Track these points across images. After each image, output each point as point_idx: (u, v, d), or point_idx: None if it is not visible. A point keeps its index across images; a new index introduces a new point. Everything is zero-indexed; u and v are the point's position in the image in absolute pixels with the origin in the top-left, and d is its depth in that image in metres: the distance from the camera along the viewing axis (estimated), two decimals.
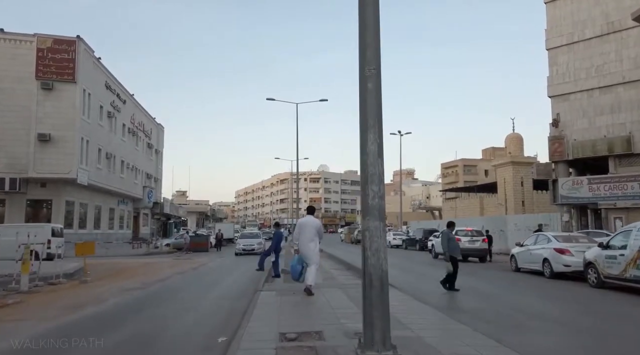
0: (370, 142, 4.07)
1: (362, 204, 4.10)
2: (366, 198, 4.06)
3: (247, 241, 27.14)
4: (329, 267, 16.82)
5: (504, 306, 8.52)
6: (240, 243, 27.09)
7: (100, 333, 5.92)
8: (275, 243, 13.56)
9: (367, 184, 4.06)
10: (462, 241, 20.47)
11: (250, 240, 27.26)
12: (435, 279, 11.45)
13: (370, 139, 4.07)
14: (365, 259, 4.06)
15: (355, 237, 44.68)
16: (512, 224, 25.78)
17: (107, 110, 33.87)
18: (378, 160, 4.07)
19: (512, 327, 6.60)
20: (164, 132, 52.88)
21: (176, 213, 59.69)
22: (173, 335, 6.08)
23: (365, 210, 4.07)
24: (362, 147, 4.12)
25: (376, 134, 4.08)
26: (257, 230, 41.90)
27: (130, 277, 13.40)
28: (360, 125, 4.16)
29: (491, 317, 7.36)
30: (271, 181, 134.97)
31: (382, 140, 4.13)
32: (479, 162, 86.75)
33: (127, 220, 41.83)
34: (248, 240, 27.43)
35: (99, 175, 32.30)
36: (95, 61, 31.32)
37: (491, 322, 6.77)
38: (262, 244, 25.57)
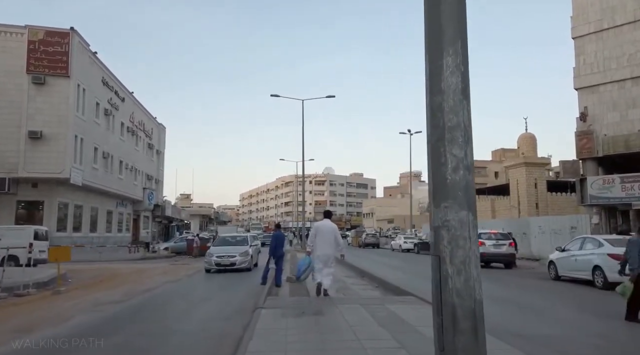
0: (447, 71, 2.29)
1: (433, 180, 2.33)
2: (441, 170, 2.27)
3: (225, 251, 16.67)
4: (341, 274, 15.05)
5: (580, 332, 6.63)
6: (213, 253, 16.46)
7: None
8: (274, 247, 11.77)
9: (442, 145, 2.28)
10: (485, 245, 18.75)
11: (228, 249, 16.83)
12: (502, 300, 9.32)
13: (447, 66, 2.29)
14: (443, 280, 2.26)
15: (364, 241, 42.89)
16: (535, 226, 23.88)
17: (104, 107, 32.30)
18: (463, 103, 2.31)
19: None
20: (165, 133, 51.33)
21: (178, 216, 58.09)
22: None
23: (440, 191, 2.28)
24: (432, 81, 2.34)
25: (458, 56, 2.31)
26: (244, 234, 25.48)
27: (114, 286, 11.68)
28: (426, 46, 2.39)
29: None
30: (276, 184, 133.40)
31: (467, 69, 2.36)
32: (488, 164, 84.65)
33: (126, 223, 40.20)
34: (226, 249, 16.95)
35: (95, 176, 30.69)
36: (91, 55, 29.77)
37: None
38: (250, 256, 16.72)
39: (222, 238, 20.14)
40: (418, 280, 13.10)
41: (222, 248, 17.13)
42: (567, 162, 23.05)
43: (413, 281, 12.65)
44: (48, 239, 18.04)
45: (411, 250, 33.75)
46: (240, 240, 18.76)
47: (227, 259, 16.02)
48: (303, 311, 6.90)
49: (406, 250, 34.35)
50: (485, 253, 18.72)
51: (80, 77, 27.74)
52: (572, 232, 23.08)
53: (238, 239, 19.23)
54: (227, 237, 20.23)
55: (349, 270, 16.18)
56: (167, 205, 51.31)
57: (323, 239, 8.46)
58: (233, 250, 16.67)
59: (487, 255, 18.81)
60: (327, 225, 8.70)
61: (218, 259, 16.01)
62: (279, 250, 11.81)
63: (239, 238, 19.49)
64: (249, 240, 18.56)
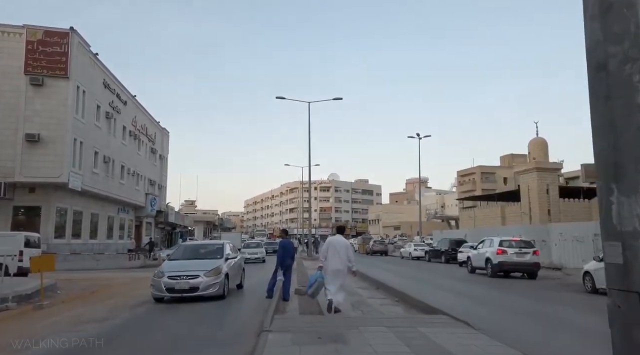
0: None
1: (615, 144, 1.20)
2: None
3: (183, 268, 10.92)
4: (354, 285, 13.85)
5: None
6: (164, 271, 10.72)
7: None
8: (281, 256, 10.56)
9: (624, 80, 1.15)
10: (508, 253, 17.53)
11: (189, 266, 11.01)
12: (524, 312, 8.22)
13: None
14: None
15: (371, 248, 41.59)
16: (556, 233, 22.60)
17: (105, 110, 31.40)
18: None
19: None
20: (169, 137, 50.44)
21: (182, 222, 57.03)
22: None
23: None
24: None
25: None
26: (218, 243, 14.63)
27: (102, 299, 10.55)
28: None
29: None
30: (280, 190, 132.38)
31: None
32: (497, 170, 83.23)
33: (128, 230, 39.17)
34: (187, 264, 11.15)
35: (95, 181, 29.72)
36: (92, 57, 28.91)
37: None
38: (222, 276, 10.83)
39: (184, 247, 13.48)
40: (441, 293, 11.90)
41: (179, 264, 11.09)
42: (589, 165, 21.76)
43: (436, 294, 11.47)
44: (40, 246, 17.01)
45: (422, 258, 32.52)
46: (210, 250, 12.34)
47: (184, 281, 10.29)
48: (319, 337, 5.74)
49: (416, 258, 33.13)
50: (507, 262, 17.58)
51: (80, 79, 26.85)
52: (595, 240, 21.80)
53: (206, 247, 12.91)
54: (192, 245, 14.38)
55: (361, 280, 14.97)
56: (170, 211, 50.29)
57: (335, 254, 8.45)
58: (195, 267, 10.72)
59: (509, 264, 17.65)
60: (339, 240, 8.79)
61: (170, 280, 10.31)
62: (286, 260, 10.60)
63: (208, 247, 13.01)
64: (224, 251, 11.97)
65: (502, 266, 17.60)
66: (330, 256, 8.47)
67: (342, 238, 8.97)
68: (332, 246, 8.57)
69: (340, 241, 8.77)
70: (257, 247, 30.68)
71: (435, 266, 25.56)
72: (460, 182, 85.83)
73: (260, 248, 30.46)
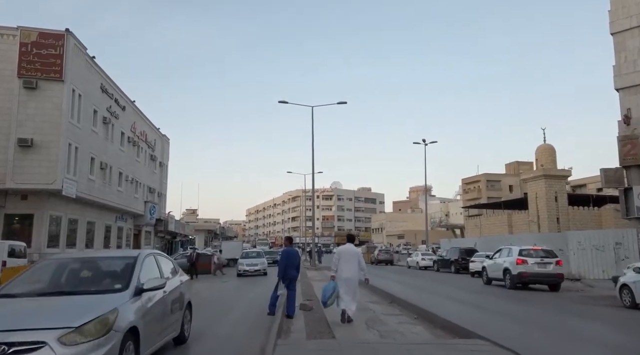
0: None
1: None
2: None
3: (13, 317, 4.40)
4: (364, 298, 12.73)
5: None
6: None
7: None
8: (284, 267, 9.17)
9: None
10: (528, 263, 16.38)
11: (27, 313, 4.53)
12: (567, 333, 7.06)
13: None
14: None
15: (376, 257, 40.30)
16: (574, 242, 21.41)
17: (103, 115, 30.44)
18: None
19: None
20: (169, 144, 49.50)
21: (182, 231, 55.91)
22: None
23: None
24: None
25: None
26: (127, 255, 6.82)
27: None
28: None
29: None
30: (282, 198, 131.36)
31: None
32: (502, 177, 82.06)
33: (126, 239, 38.05)
34: (27, 308, 4.77)
35: (91, 188, 28.68)
36: (89, 60, 28.02)
37: None
38: (116, 338, 4.35)
39: (52, 266, 10.77)
40: (462, 308, 10.73)
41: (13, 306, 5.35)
42: (609, 170, 20.70)
43: (456, 309, 10.32)
44: (26, 256, 15.92)
45: (429, 268, 31.31)
46: (103, 274, 8.10)
47: None
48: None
49: (424, 267, 31.92)
50: (527, 273, 16.33)
51: (75, 82, 25.94)
52: (617, 249, 20.65)
53: (101, 268, 7.98)
54: (71, 261, 11.37)
55: (372, 293, 13.84)
56: (171, 219, 49.16)
57: (346, 263, 8.48)
58: (46, 315, 4.56)
59: (530, 275, 16.36)
60: (350, 249, 8.75)
61: None
62: (290, 271, 9.24)
63: (104, 266, 7.58)
64: (134, 275, 8.17)
65: (522, 277, 16.41)
66: (341, 265, 8.51)
67: (352, 247, 8.96)
68: (343, 255, 8.59)
69: (351, 250, 8.77)
70: (258, 257, 26.25)
71: (446, 277, 24.36)
72: (465, 190, 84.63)
73: (261, 258, 26.11)
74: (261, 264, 25.21)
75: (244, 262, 25.01)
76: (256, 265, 24.83)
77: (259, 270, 24.60)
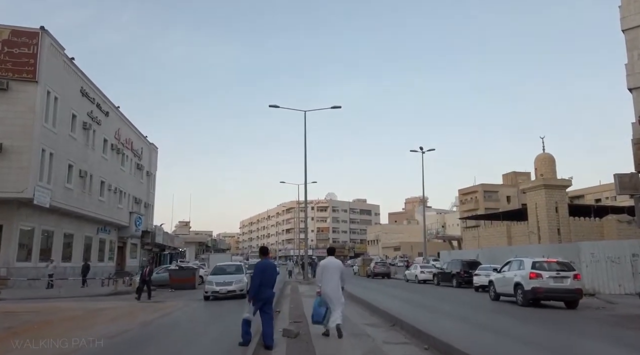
0: None
1: None
2: None
3: None
4: (358, 318, 11.03)
5: None
6: None
7: None
8: (257, 285, 7.37)
9: None
10: (543, 277, 14.72)
11: None
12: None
13: None
14: None
15: (372, 270, 38.40)
16: (587, 253, 19.80)
17: (83, 120, 28.77)
18: None
19: None
20: (157, 153, 47.76)
21: (171, 243, 53.84)
22: None
23: None
24: None
25: None
26: None
27: (16, 347, 7.59)
28: None
29: None
30: (277, 210, 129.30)
31: None
32: (500, 188, 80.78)
33: (109, 252, 36.10)
34: None
35: (68, 197, 26.88)
36: (67, 61, 26.42)
37: None
38: None
39: None
40: (484, 335, 9.00)
41: None
42: (624, 175, 19.18)
43: (473, 335, 8.63)
44: None
45: (429, 281, 29.52)
46: None
47: None
48: None
49: (423, 281, 30.11)
50: (542, 288, 14.63)
51: (51, 84, 24.31)
52: (634, 261, 19.07)
53: None
54: None
55: (371, 313, 12.12)
56: (158, 231, 47.16)
57: (330, 276, 8.49)
58: None
59: (545, 291, 14.65)
60: (333, 262, 8.76)
61: None
62: (264, 290, 7.41)
63: None
64: None
65: (536, 293, 14.73)
66: (325, 279, 8.48)
67: (334, 259, 8.92)
68: (326, 269, 8.57)
69: (334, 263, 8.75)
70: (235, 273, 18.76)
71: (448, 291, 22.64)
72: (462, 201, 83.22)
73: (238, 274, 18.59)
74: (238, 282, 17.70)
75: (213, 280, 17.64)
76: (229, 284, 17.37)
77: (234, 291, 17.19)
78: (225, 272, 18.74)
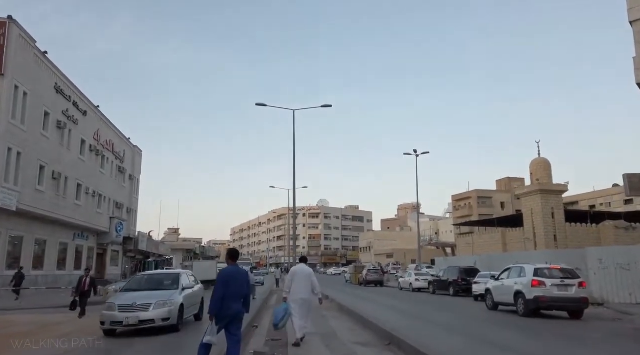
0: None
1: None
2: None
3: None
4: (348, 334, 9.49)
5: None
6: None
7: None
8: (220, 296, 5.73)
9: None
10: (546, 286, 13.49)
11: None
12: None
13: None
14: None
15: (365, 278, 36.80)
16: (594, 260, 18.43)
17: (57, 119, 27.04)
18: None
19: None
20: (141, 156, 45.93)
21: (156, 250, 51.83)
22: None
23: None
24: None
25: None
26: None
27: None
28: None
29: None
30: (268, 217, 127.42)
31: None
32: (494, 194, 79.76)
33: (87, 258, 34.15)
34: None
35: (39, 200, 25.08)
36: (39, 54, 24.75)
37: None
38: None
39: None
40: (489, 351, 7.48)
41: None
42: (634, 175, 17.85)
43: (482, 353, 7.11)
44: None
45: (424, 290, 28.02)
46: None
47: None
48: None
49: (418, 289, 28.61)
50: (546, 297, 13.46)
51: (20, 78, 22.64)
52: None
53: None
54: None
55: (363, 327, 10.54)
56: (142, 237, 45.22)
57: (299, 283, 8.53)
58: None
59: (549, 300, 13.48)
60: (303, 269, 8.80)
61: None
62: (232, 305, 5.77)
63: None
64: None
65: (539, 302, 13.53)
66: (294, 286, 8.51)
67: (305, 267, 8.93)
68: (296, 276, 8.58)
69: (304, 270, 8.75)
70: (165, 288, 11.15)
71: (446, 301, 21.13)
72: (456, 207, 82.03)
73: (170, 290, 10.99)
74: (162, 304, 10.24)
75: (116, 302, 10.26)
76: (144, 309, 10.04)
77: (152, 322, 9.98)
78: (145, 287, 11.04)
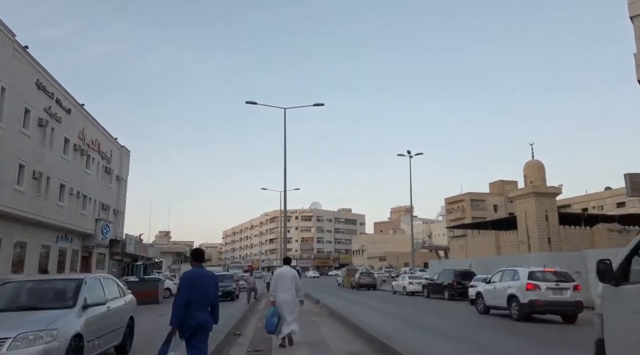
0: None
1: None
2: None
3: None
4: (339, 343, 8.80)
5: None
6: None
7: None
8: (183, 304, 4.93)
9: None
10: (540, 289, 13.12)
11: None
12: None
13: None
14: None
15: (357, 281, 36.06)
16: (594, 262, 17.77)
17: (38, 116, 25.98)
18: None
19: None
20: (129, 157, 44.80)
21: (144, 253, 50.67)
22: None
23: None
24: None
25: None
26: None
27: None
28: None
29: None
30: (260, 220, 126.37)
31: None
32: (487, 197, 79.46)
33: (71, 262, 33.00)
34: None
35: (18, 201, 23.99)
36: (18, 48, 23.74)
37: None
38: None
39: None
40: None
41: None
42: (635, 175, 17.27)
43: None
44: None
45: (418, 293, 27.35)
46: None
47: None
48: None
49: (411, 293, 27.94)
50: (541, 301, 13.07)
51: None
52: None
53: None
54: None
55: (354, 335, 9.75)
56: (129, 240, 44.10)
57: (284, 285, 8.56)
58: None
59: (544, 304, 13.12)
60: (287, 271, 8.80)
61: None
62: (195, 313, 4.95)
63: None
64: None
65: (534, 306, 13.17)
66: (279, 289, 8.55)
67: (289, 269, 8.96)
68: (280, 278, 8.62)
69: (289, 272, 8.78)
70: (62, 304, 6.47)
71: (441, 305, 20.42)
72: (449, 210, 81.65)
73: (61, 309, 6.25)
74: (38, 338, 5.50)
75: None
76: None
77: None
78: (16, 305, 6.73)
